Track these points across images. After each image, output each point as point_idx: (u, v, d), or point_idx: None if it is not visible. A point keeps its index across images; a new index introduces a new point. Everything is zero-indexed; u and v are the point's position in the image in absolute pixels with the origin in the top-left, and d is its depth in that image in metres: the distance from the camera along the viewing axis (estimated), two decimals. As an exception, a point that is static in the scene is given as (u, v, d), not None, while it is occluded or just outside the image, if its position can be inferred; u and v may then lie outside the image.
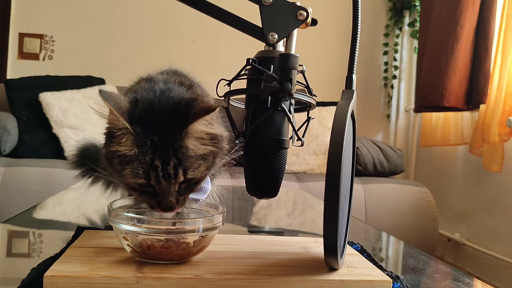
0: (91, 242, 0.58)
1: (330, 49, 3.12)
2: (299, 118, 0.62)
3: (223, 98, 0.59)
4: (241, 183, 0.59)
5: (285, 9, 0.56)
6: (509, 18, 2.14)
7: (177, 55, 2.93)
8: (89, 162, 0.86)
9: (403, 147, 3.18)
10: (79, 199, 1.18)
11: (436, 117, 2.78)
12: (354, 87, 0.55)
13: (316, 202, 1.40)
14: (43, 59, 2.91)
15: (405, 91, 3.25)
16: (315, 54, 3.07)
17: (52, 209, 1.05)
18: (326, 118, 2.59)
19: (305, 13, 0.56)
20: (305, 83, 0.59)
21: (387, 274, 0.54)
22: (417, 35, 2.96)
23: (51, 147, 2.36)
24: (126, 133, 0.50)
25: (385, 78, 3.26)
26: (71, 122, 2.36)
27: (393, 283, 0.52)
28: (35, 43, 2.89)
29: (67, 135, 2.34)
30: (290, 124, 0.56)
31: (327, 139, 2.50)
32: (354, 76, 0.55)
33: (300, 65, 0.55)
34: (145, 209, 0.58)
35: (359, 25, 0.56)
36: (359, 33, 0.56)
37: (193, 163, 0.52)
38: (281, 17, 0.56)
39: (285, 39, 0.57)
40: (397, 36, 3.21)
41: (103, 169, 0.62)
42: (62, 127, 2.36)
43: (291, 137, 0.56)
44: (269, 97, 0.53)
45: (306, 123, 0.59)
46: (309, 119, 0.59)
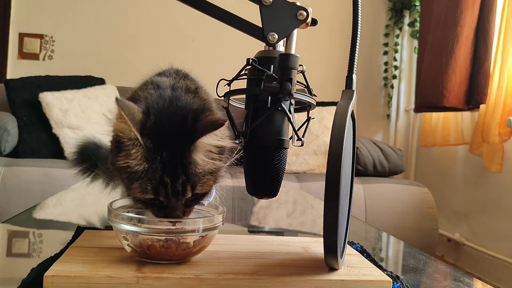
0: (91, 242, 0.58)
1: (330, 49, 3.12)
2: (299, 118, 0.62)
3: (223, 98, 0.59)
4: (241, 183, 0.59)
5: (285, 9, 0.56)
6: (509, 18, 2.14)
7: (177, 55, 2.92)
8: (89, 159, 0.86)
9: (403, 147, 3.18)
10: (79, 199, 1.18)
11: (436, 117, 2.78)
12: (354, 87, 0.55)
13: (316, 202, 1.40)
14: (43, 59, 2.91)
15: (405, 91, 3.25)
16: (315, 54, 3.08)
17: (52, 209, 1.05)
18: (326, 118, 2.59)
19: (305, 13, 0.56)
20: (305, 83, 0.59)
21: (387, 274, 0.54)
22: (417, 35, 2.96)
23: (51, 147, 2.36)
24: (136, 144, 0.50)
25: (385, 78, 3.26)
26: (71, 122, 2.36)
27: (393, 283, 0.52)
28: (35, 43, 2.89)
29: (67, 135, 2.34)
30: (290, 124, 0.56)
31: (327, 139, 2.50)
32: (354, 76, 0.55)
33: (300, 65, 0.55)
34: (145, 209, 0.58)
35: (359, 25, 0.56)
36: (359, 33, 0.56)
37: (201, 179, 0.52)
38: (281, 17, 0.56)
39: (285, 39, 0.56)
40: (397, 36, 3.21)
41: (103, 167, 0.62)
42: (62, 127, 2.36)
43: (291, 137, 0.56)
44: (269, 97, 0.53)
45: (306, 123, 0.59)
46: (309, 119, 0.59)
